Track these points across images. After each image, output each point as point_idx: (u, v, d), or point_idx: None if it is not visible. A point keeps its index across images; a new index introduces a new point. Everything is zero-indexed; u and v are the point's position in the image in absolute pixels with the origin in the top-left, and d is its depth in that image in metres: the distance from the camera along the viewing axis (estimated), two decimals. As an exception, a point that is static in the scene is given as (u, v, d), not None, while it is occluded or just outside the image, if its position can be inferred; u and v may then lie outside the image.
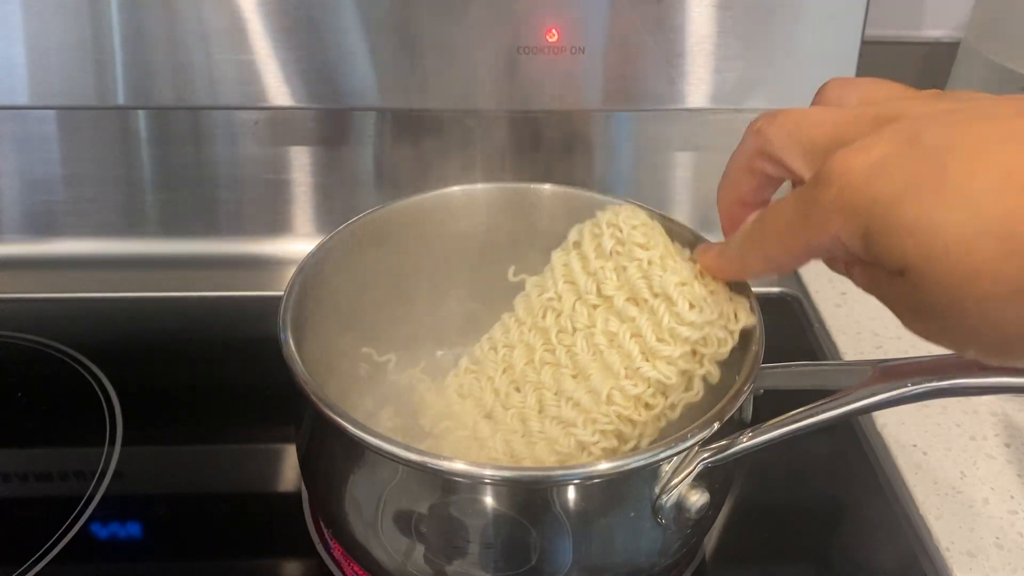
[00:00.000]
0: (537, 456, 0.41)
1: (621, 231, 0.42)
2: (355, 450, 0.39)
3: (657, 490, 0.38)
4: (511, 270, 0.47)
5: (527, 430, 0.42)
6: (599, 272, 0.42)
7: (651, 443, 0.42)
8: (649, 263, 0.40)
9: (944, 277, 0.28)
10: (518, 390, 0.43)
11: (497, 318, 0.48)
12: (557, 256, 0.45)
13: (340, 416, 0.37)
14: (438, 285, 0.55)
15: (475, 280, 0.56)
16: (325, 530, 0.48)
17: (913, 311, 0.30)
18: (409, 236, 0.53)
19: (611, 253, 0.42)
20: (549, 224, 0.55)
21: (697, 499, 0.38)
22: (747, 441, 0.39)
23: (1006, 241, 0.26)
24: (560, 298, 0.43)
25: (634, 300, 0.41)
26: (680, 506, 0.38)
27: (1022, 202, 0.26)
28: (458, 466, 0.36)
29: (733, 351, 0.43)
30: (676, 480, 0.38)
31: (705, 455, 0.38)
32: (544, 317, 0.43)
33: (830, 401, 0.38)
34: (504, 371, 0.44)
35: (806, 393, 0.40)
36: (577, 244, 0.44)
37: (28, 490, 0.51)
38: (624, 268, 0.41)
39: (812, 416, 0.38)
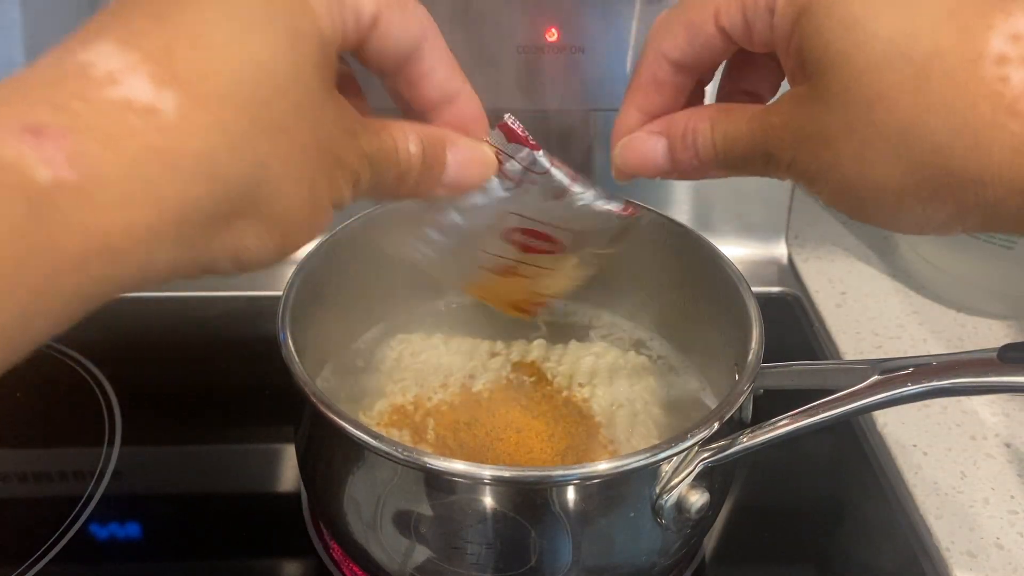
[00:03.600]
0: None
1: None
2: (354, 450, 0.39)
3: (657, 490, 0.38)
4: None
5: None
6: None
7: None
8: None
9: (850, 85, 0.28)
10: None
11: (496, 318, 0.48)
12: None
13: (339, 416, 0.37)
14: (437, 285, 0.55)
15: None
16: (324, 530, 0.48)
17: (796, 124, 0.30)
18: (408, 236, 0.53)
19: None
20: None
21: (697, 499, 0.38)
22: (747, 441, 0.38)
23: (919, 74, 0.27)
24: None
25: None
26: (680, 506, 0.38)
27: (950, 42, 0.27)
28: (457, 466, 0.36)
29: (733, 350, 0.43)
30: (676, 480, 0.38)
31: (705, 455, 0.38)
32: None
33: (830, 401, 0.38)
34: None
35: (806, 393, 0.40)
36: None
37: (28, 490, 0.51)
38: None
39: (812, 416, 0.38)
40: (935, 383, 0.37)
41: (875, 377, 0.38)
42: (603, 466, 0.37)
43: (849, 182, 0.29)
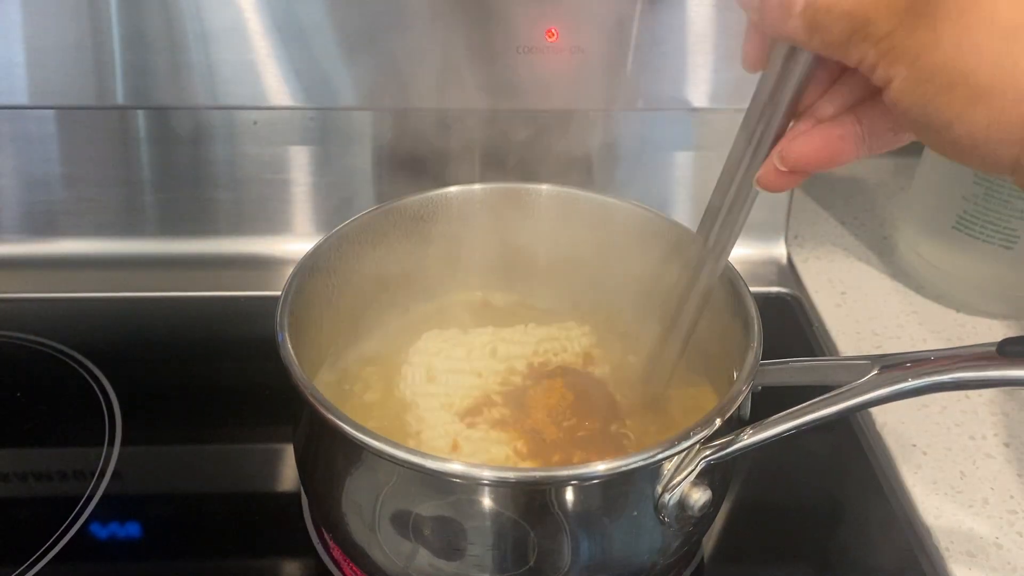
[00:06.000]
0: None
1: None
2: (353, 451, 0.39)
3: (659, 489, 0.38)
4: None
5: None
6: None
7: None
8: None
9: None
10: None
11: (496, 317, 0.48)
12: None
13: (337, 417, 0.37)
14: (436, 285, 0.55)
15: (474, 280, 0.56)
16: (324, 531, 0.48)
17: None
18: (407, 236, 0.53)
19: None
20: (548, 224, 0.55)
21: (699, 497, 0.38)
22: (749, 438, 0.38)
23: None
24: None
25: None
26: (683, 504, 0.38)
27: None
28: (456, 467, 0.36)
29: (733, 350, 0.43)
30: (678, 478, 0.38)
31: (707, 453, 0.38)
32: None
33: (830, 397, 0.38)
34: None
35: (806, 390, 0.40)
36: None
37: (28, 490, 0.51)
38: None
39: (813, 412, 0.38)
40: (935, 377, 0.37)
41: (875, 372, 0.38)
42: (603, 466, 0.37)
43: (939, 67, 0.29)
